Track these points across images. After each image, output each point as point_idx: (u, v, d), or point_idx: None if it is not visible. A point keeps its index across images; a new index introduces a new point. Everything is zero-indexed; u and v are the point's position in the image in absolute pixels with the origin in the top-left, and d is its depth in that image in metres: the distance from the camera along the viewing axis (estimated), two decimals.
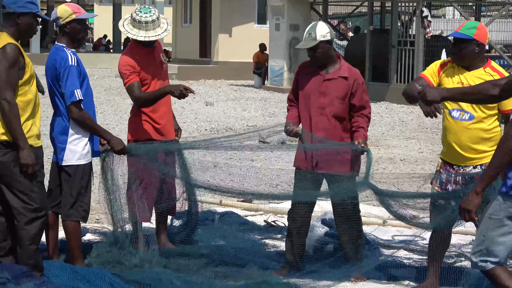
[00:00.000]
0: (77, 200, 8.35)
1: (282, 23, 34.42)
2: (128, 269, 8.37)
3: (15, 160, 7.60)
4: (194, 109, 25.63)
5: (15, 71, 7.54)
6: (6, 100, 7.44)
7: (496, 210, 6.26)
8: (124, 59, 9.21)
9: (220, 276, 8.53)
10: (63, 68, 8.13)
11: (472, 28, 7.94)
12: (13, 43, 7.58)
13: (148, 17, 9.12)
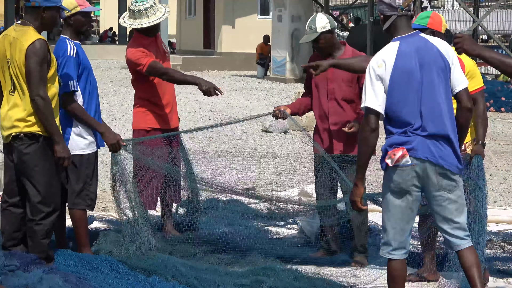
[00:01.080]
0: (84, 189, 8.36)
1: (285, 15, 34.41)
2: (134, 256, 8.38)
3: (38, 152, 7.65)
4: (198, 100, 25.61)
5: (45, 67, 7.56)
6: (40, 96, 7.47)
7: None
8: (132, 49, 9.23)
9: (224, 263, 8.55)
10: (61, 58, 8.12)
11: (425, 17, 8.04)
12: (42, 39, 7.57)
13: (145, 4, 9.15)
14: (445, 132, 6.39)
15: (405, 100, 6.43)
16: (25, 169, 7.73)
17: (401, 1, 6.47)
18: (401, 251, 6.53)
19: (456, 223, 6.50)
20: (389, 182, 6.51)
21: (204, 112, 22.61)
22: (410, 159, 6.34)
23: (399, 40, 6.53)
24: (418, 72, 6.42)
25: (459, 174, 6.47)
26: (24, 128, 7.60)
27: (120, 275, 7.61)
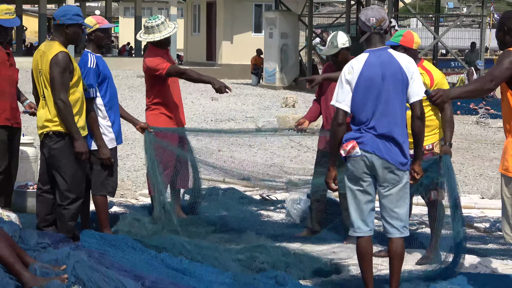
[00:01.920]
0: (106, 179, 8.37)
1: (275, 32, 34.38)
2: (148, 236, 8.37)
3: (64, 148, 7.67)
4: (202, 104, 25.62)
5: (67, 75, 7.57)
6: (61, 100, 7.51)
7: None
8: (150, 58, 9.20)
9: (223, 241, 8.54)
10: (83, 69, 8.13)
11: (398, 36, 8.08)
12: (64, 51, 7.60)
13: (157, 21, 9.19)
14: (393, 134, 6.44)
15: (364, 103, 6.48)
16: (54, 162, 7.76)
17: (374, 21, 6.52)
18: (364, 228, 6.56)
19: (395, 213, 6.54)
20: (346, 171, 6.59)
21: (206, 114, 22.61)
22: (359, 151, 6.42)
23: (369, 52, 6.57)
24: (380, 82, 6.46)
25: (403, 170, 6.49)
26: (52, 127, 7.63)
27: (135, 252, 7.60)
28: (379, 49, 6.56)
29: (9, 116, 8.79)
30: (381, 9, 6.71)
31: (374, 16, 6.56)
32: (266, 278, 6.94)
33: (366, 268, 6.55)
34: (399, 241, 6.57)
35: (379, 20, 6.55)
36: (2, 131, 8.76)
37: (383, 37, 6.64)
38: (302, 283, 7.08)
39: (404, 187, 6.55)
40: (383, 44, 6.62)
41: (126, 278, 6.43)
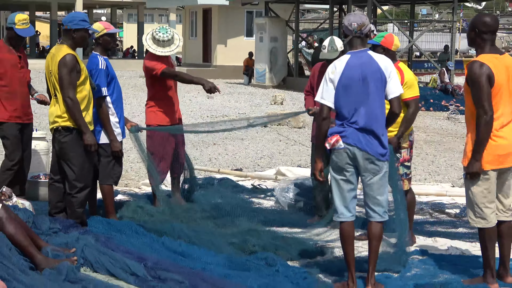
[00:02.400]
0: (111, 170, 8.37)
1: (265, 36, 34.38)
2: (149, 221, 8.37)
3: (72, 141, 7.66)
4: (198, 101, 25.61)
5: (74, 75, 7.57)
6: (69, 98, 7.51)
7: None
8: (148, 60, 9.20)
9: (218, 226, 8.53)
10: (94, 70, 8.16)
11: (380, 37, 8.07)
12: (71, 53, 7.59)
13: (165, 37, 9.09)
14: (372, 128, 6.45)
15: (346, 100, 6.50)
16: (63, 154, 7.75)
17: (356, 25, 6.54)
18: (347, 214, 6.58)
19: (376, 199, 6.56)
20: (331, 162, 6.61)
21: (203, 111, 22.60)
22: (342, 144, 6.45)
23: (351, 54, 6.59)
24: (360, 81, 6.47)
25: (382, 161, 6.52)
26: (61, 123, 7.63)
27: (138, 236, 7.60)
28: (360, 51, 6.57)
29: (21, 114, 8.86)
30: (363, 15, 6.70)
31: (356, 21, 6.58)
32: (257, 260, 6.95)
33: (348, 250, 6.55)
34: (378, 225, 6.59)
35: (360, 24, 6.57)
36: (15, 127, 8.81)
37: (364, 41, 6.66)
38: (290, 264, 7.08)
39: (384, 176, 6.58)
40: (364, 46, 6.63)
41: (130, 260, 6.43)
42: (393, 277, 6.88)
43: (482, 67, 6.46)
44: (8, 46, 8.83)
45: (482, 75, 6.43)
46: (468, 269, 7.18)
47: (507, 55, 6.83)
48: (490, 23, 6.65)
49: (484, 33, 6.64)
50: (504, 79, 6.53)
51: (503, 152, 6.55)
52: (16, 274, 5.71)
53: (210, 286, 6.07)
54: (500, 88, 6.50)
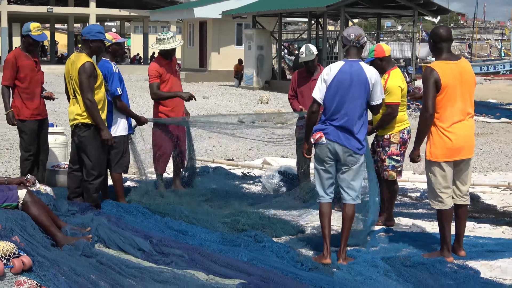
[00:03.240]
0: (120, 159, 8.36)
1: (252, 45, 34.38)
2: (154, 204, 8.35)
3: (90, 136, 7.69)
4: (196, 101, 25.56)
5: (92, 80, 7.58)
6: (88, 99, 7.54)
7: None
8: (154, 65, 9.25)
9: (213, 208, 8.52)
10: (109, 74, 8.15)
11: (372, 52, 8.03)
12: (89, 61, 7.61)
13: (168, 35, 9.22)
14: (350, 127, 6.46)
15: (332, 100, 6.50)
16: (82, 147, 7.76)
17: (353, 36, 6.56)
18: (326, 197, 6.64)
19: (351, 185, 6.59)
20: (315, 154, 6.66)
21: (199, 109, 22.58)
22: (325, 140, 6.49)
23: (345, 61, 6.58)
24: (348, 86, 6.47)
25: (359, 154, 6.54)
26: (81, 120, 7.65)
27: (144, 216, 7.59)
28: (353, 60, 6.57)
29: (38, 111, 8.95)
30: (360, 28, 6.72)
31: (354, 33, 6.60)
32: (247, 237, 6.95)
33: (325, 224, 6.58)
34: (351, 207, 6.61)
35: (357, 36, 6.59)
36: (33, 123, 8.90)
37: (360, 51, 6.65)
38: (275, 240, 7.07)
39: (361, 166, 6.63)
40: (358, 56, 6.63)
41: (137, 237, 6.42)
42: (363, 251, 6.88)
43: (431, 72, 6.56)
44: (25, 53, 8.88)
45: (430, 79, 6.53)
46: (427, 244, 7.19)
47: (463, 59, 6.87)
48: (443, 34, 6.72)
49: (438, 43, 6.72)
50: (453, 82, 6.57)
51: (455, 147, 6.59)
52: (40, 249, 5.69)
53: (206, 259, 6.07)
54: (447, 90, 6.54)
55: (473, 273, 6.25)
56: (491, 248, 7.03)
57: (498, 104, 26.14)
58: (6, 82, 8.82)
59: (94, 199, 7.77)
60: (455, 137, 6.58)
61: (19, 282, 5.17)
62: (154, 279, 5.48)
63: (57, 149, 10.11)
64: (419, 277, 6.11)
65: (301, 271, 6.06)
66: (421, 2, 31.93)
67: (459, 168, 6.73)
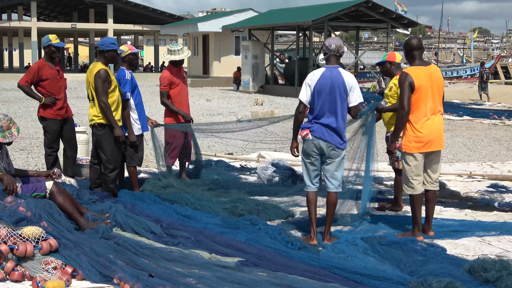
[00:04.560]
0: (135, 154, 8.32)
1: (248, 55, 34.34)
2: (164, 193, 8.33)
3: (105, 134, 7.66)
4: (200, 103, 25.57)
5: (106, 84, 7.54)
6: (103, 102, 7.52)
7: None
8: (166, 73, 9.25)
9: (215, 195, 8.50)
10: (122, 80, 8.12)
11: (385, 55, 7.98)
12: (104, 68, 7.58)
13: (178, 47, 9.23)
14: (333, 125, 6.42)
15: (317, 101, 6.47)
16: (98, 144, 7.76)
17: (334, 46, 6.51)
18: (311, 187, 6.60)
19: (334, 175, 6.56)
20: (303, 149, 6.62)
21: (203, 110, 22.58)
22: (311, 137, 6.46)
23: (326, 68, 6.54)
24: (329, 89, 6.43)
25: (341, 148, 6.50)
26: (97, 120, 7.64)
27: (155, 204, 7.57)
28: (333, 67, 6.53)
29: (60, 113, 8.83)
30: (340, 39, 6.65)
31: (335, 43, 6.56)
32: (244, 220, 6.92)
33: (312, 210, 6.57)
34: (334, 194, 6.58)
35: (338, 46, 6.55)
36: (56, 123, 8.81)
37: (338, 59, 6.59)
38: (268, 223, 7.05)
39: (342, 159, 6.58)
40: (337, 63, 6.58)
41: (149, 221, 6.40)
42: (344, 232, 6.87)
43: (406, 76, 6.59)
44: (48, 63, 8.79)
45: (405, 82, 6.56)
46: (401, 225, 7.19)
47: (433, 65, 6.89)
48: (415, 44, 6.75)
49: (411, 51, 6.73)
50: (425, 84, 6.59)
51: (426, 140, 6.59)
52: (64, 233, 5.67)
53: (209, 240, 6.05)
54: (420, 91, 6.56)
55: (440, 250, 6.24)
56: (456, 228, 7.03)
57: (461, 104, 26.21)
58: (22, 82, 8.75)
59: (111, 189, 7.74)
60: (426, 132, 6.61)
61: (47, 262, 5.16)
62: (164, 258, 5.46)
63: (80, 146, 10.07)
64: (393, 254, 6.09)
65: (292, 250, 6.04)
66: (393, 17, 31.98)
67: (430, 158, 6.75)
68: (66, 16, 63.97)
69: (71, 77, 40.39)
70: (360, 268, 5.50)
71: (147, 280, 4.88)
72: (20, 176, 6.74)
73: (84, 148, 10.33)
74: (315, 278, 5.20)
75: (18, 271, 5.11)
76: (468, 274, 5.39)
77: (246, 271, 5.26)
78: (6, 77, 46.86)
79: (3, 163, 6.51)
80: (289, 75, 32.87)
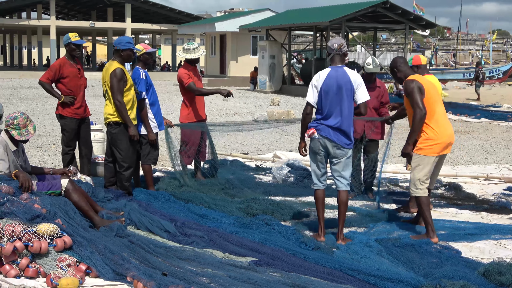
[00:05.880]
0: (150, 152, 8.34)
1: (265, 55, 34.31)
2: (179, 192, 8.34)
3: (120, 133, 7.66)
4: (216, 103, 25.58)
5: (122, 83, 7.56)
6: (118, 100, 7.54)
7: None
8: (183, 70, 9.25)
9: (230, 195, 8.51)
10: (137, 79, 8.14)
11: (410, 60, 7.84)
12: (120, 67, 7.60)
13: (193, 46, 9.23)
14: (339, 126, 6.44)
15: (325, 102, 6.48)
16: (113, 142, 7.78)
17: (336, 46, 6.50)
18: (319, 184, 6.62)
19: (341, 174, 6.57)
20: (310, 147, 6.63)
21: (219, 109, 22.60)
22: (317, 135, 6.47)
23: (331, 68, 6.54)
24: (335, 89, 6.44)
25: (347, 148, 6.50)
26: (112, 119, 7.66)
27: (170, 202, 7.58)
28: (338, 66, 6.53)
29: (79, 112, 8.84)
30: (342, 39, 6.66)
31: (336, 43, 6.56)
32: (258, 220, 6.92)
33: (319, 208, 6.60)
34: (344, 193, 6.58)
35: (339, 44, 6.54)
36: (74, 121, 8.81)
37: (342, 58, 6.59)
38: (282, 223, 7.04)
39: (349, 159, 6.58)
40: (342, 63, 6.58)
41: (164, 220, 6.42)
42: (359, 233, 6.85)
43: (413, 81, 6.67)
44: (70, 61, 8.82)
45: (414, 87, 6.62)
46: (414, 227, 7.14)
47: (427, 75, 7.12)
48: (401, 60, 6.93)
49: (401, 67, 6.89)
50: (431, 88, 6.70)
51: (445, 142, 6.67)
52: (79, 231, 5.69)
53: (223, 240, 6.05)
54: (431, 95, 6.65)
55: (455, 253, 6.20)
56: (471, 231, 6.98)
57: (478, 106, 26.03)
58: (44, 79, 8.79)
59: (126, 188, 7.75)
60: (445, 134, 6.66)
61: (61, 259, 5.18)
62: (178, 257, 5.47)
63: (96, 144, 10.11)
64: (407, 256, 6.07)
65: (305, 250, 6.03)
66: (411, 18, 31.81)
67: (439, 162, 6.78)
68: (85, 15, 64.36)
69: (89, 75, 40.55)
70: (374, 269, 5.48)
71: (160, 278, 4.88)
72: (36, 174, 6.78)
73: (100, 146, 10.37)
74: (328, 279, 5.18)
75: (33, 267, 5.14)
76: (483, 277, 5.34)
77: (259, 271, 5.25)
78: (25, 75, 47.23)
79: (19, 161, 6.55)
80: (306, 75, 32.81)
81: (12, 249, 5.12)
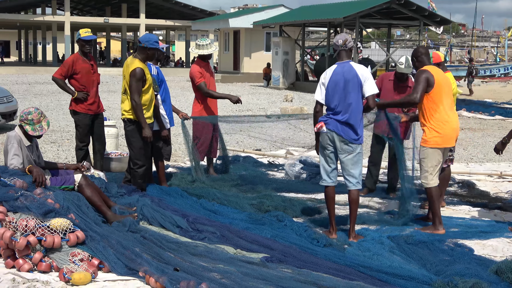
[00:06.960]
0: (163, 149, 8.36)
1: (279, 51, 34.25)
2: (191, 187, 8.36)
3: (134, 130, 7.61)
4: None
5: (140, 83, 7.46)
6: (134, 100, 7.44)
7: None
8: (195, 67, 9.23)
9: (242, 191, 8.51)
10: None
11: (430, 58, 7.69)
12: (140, 67, 7.47)
13: (206, 42, 9.22)
14: (347, 120, 6.40)
15: (331, 99, 6.47)
16: (126, 139, 7.77)
17: (341, 41, 6.50)
18: (328, 181, 6.60)
19: (350, 172, 6.52)
20: (319, 141, 6.61)
21: (233, 106, 22.53)
22: (325, 129, 6.47)
23: (337, 64, 6.55)
24: (342, 84, 6.43)
25: (356, 144, 6.46)
26: (127, 115, 7.60)
27: (182, 198, 7.60)
28: (344, 62, 6.52)
29: (92, 108, 8.86)
30: (346, 34, 6.66)
31: (341, 38, 6.55)
32: (271, 216, 6.93)
33: (330, 206, 6.61)
34: (355, 191, 6.55)
35: (344, 40, 6.53)
36: (88, 117, 8.84)
37: (349, 53, 6.57)
38: (294, 220, 7.04)
39: (357, 155, 6.53)
40: (348, 58, 6.57)
41: (176, 216, 6.44)
42: (371, 230, 6.83)
43: (425, 71, 6.84)
44: (82, 57, 8.84)
45: (422, 76, 6.78)
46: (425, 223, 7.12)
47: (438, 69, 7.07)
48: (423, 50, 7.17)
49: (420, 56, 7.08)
50: (442, 80, 6.81)
51: (451, 135, 6.84)
52: (92, 225, 5.72)
53: (235, 236, 6.06)
54: (441, 87, 6.77)
55: (467, 250, 6.18)
56: (484, 229, 6.96)
57: (493, 103, 25.87)
58: (57, 75, 8.82)
59: (139, 184, 7.74)
60: (451, 127, 6.79)
61: (74, 254, 5.21)
62: (190, 252, 5.49)
63: (109, 140, 10.15)
64: (420, 253, 6.05)
65: (317, 247, 6.03)
66: (426, 14, 31.62)
67: (444, 154, 6.94)
68: (99, 10, 64.52)
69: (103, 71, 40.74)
70: (386, 266, 5.47)
71: (172, 274, 4.91)
72: (50, 169, 6.83)
73: (113, 142, 10.40)
74: (339, 275, 5.18)
75: (46, 262, 5.18)
76: (495, 275, 5.32)
77: (271, 267, 5.26)
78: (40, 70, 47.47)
79: (33, 156, 6.60)
80: (320, 71, 32.73)
81: (25, 244, 5.16)
